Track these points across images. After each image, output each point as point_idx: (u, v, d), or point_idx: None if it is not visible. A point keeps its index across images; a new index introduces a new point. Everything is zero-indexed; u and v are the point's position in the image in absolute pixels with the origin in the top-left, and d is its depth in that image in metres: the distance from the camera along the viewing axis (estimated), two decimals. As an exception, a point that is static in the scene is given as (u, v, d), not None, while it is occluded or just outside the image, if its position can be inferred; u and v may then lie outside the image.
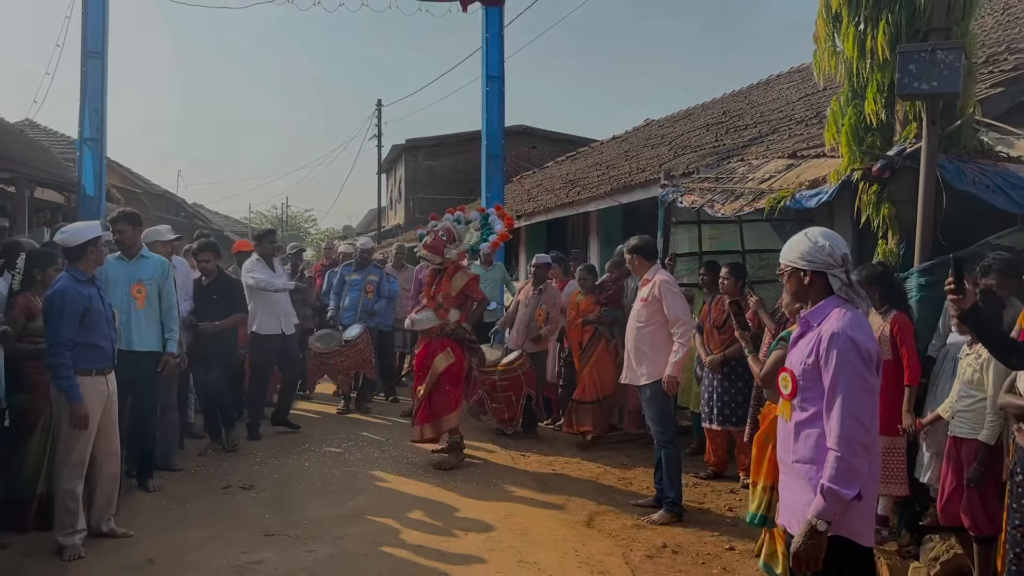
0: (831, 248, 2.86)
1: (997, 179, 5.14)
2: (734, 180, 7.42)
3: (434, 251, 7.08)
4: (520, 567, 4.79)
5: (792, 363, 2.92)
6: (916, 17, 5.13)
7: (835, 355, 2.71)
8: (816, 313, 2.89)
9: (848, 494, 2.63)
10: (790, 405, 2.90)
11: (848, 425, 2.66)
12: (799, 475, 2.83)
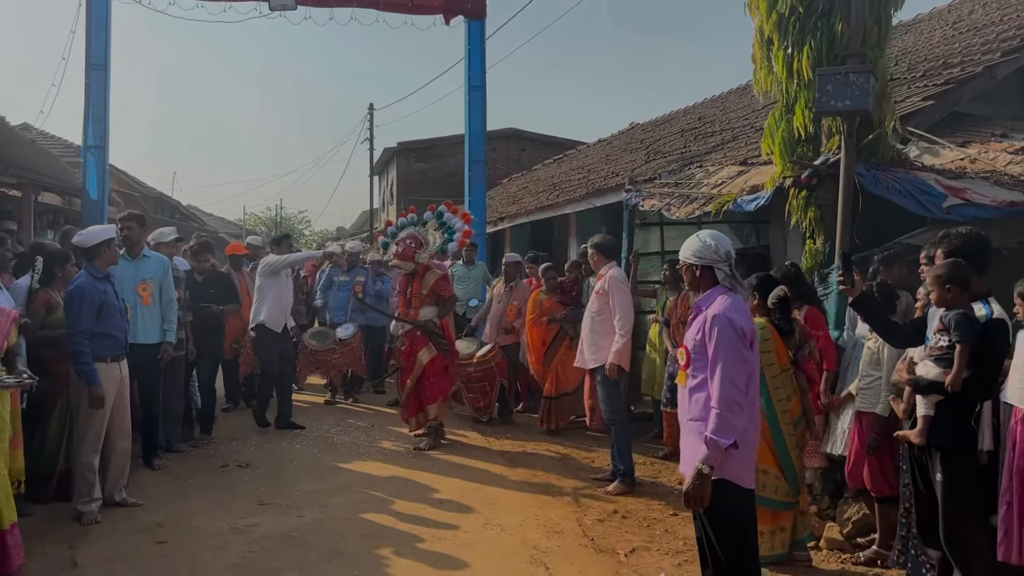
0: (716, 247, 3.51)
1: (908, 185, 5.81)
2: (691, 185, 8.08)
3: (406, 259, 7.59)
4: (485, 528, 5.44)
5: (687, 340, 3.56)
6: (835, 43, 5.79)
7: (716, 332, 3.35)
8: (705, 299, 3.53)
9: (725, 443, 3.26)
10: (685, 374, 3.54)
11: (726, 387, 3.29)
12: (692, 431, 3.47)
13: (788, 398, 4.78)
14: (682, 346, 3.61)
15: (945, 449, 3.72)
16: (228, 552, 4.93)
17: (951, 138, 7.58)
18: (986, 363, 3.66)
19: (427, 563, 4.80)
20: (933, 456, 3.76)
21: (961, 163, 6.82)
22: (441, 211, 8.05)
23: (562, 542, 5.22)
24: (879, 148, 6.06)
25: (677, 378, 3.67)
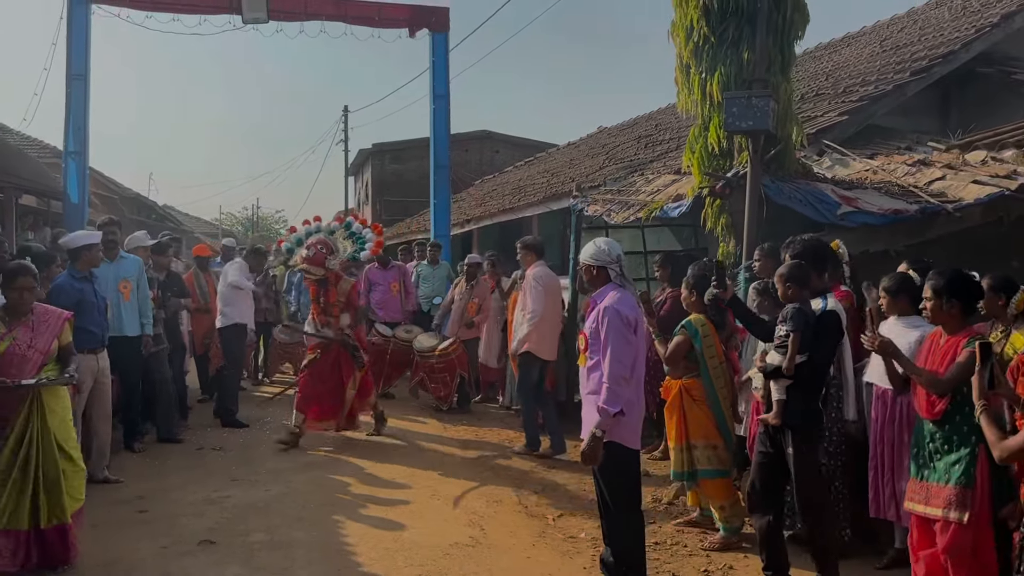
0: (609, 251, 4.25)
1: (808, 195, 6.58)
2: (630, 192, 8.83)
3: (317, 264, 7.52)
4: (432, 499, 6.15)
5: (585, 328, 4.29)
6: (743, 69, 6.54)
7: (607, 321, 4.07)
8: (599, 294, 4.25)
9: (613, 410, 3.98)
10: (585, 356, 4.26)
11: (614, 366, 4.00)
12: (590, 403, 4.19)
13: (725, 385, 5.48)
14: (582, 333, 4.32)
15: (795, 428, 4.37)
16: (203, 518, 5.60)
17: (862, 150, 8.39)
18: (819, 349, 4.32)
19: (378, 527, 5.50)
20: (786, 434, 4.45)
21: (865, 174, 7.61)
22: (349, 222, 8.16)
23: (499, 509, 5.95)
24: (785, 161, 6.82)
25: (579, 359, 4.36)
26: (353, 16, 12.47)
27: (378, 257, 10.83)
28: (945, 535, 3.79)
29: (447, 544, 5.19)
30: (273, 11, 12.05)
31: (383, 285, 10.68)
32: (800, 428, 4.35)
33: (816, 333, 4.27)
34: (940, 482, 3.86)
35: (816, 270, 4.55)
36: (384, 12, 12.69)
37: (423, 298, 11.02)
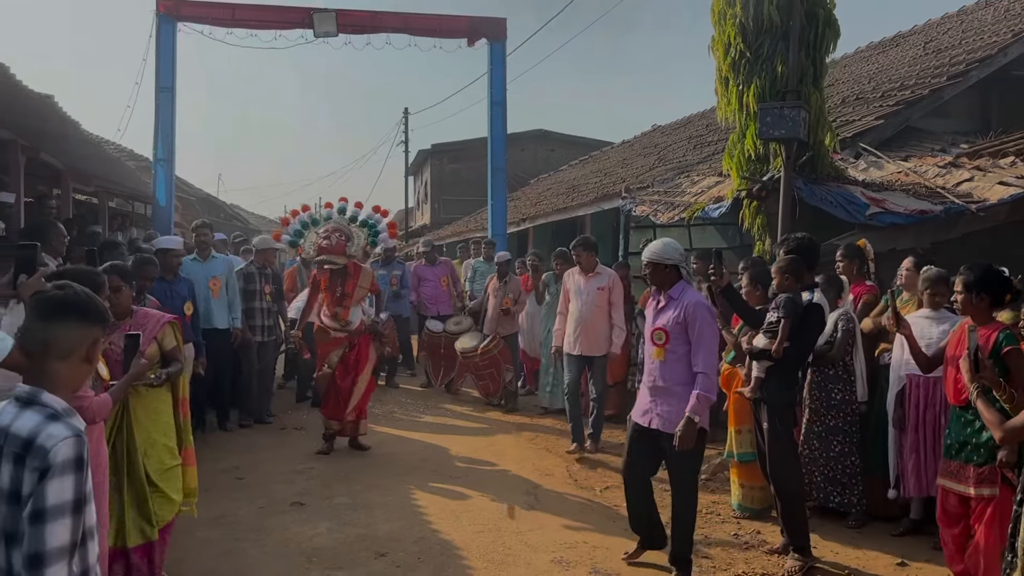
0: (679, 248, 4.66)
1: (839, 197, 7.10)
2: (676, 193, 9.41)
3: (337, 253, 7.21)
4: (491, 471, 6.88)
5: (663, 324, 4.58)
6: (777, 81, 7.08)
7: (698, 316, 4.44)
8: (676, 291, 4.58)
9: (712, 398, 4.44)
10: (664, 350, 4.56)
11: (710, 357, 4.45)
12: (672, 393, 4.51)
13: None
14: (659, 328, 4.59)
15: (771, 403, 4.88)
16: (292, 485, 6.40)
17: (898, 152, 8.82)
18: (803, 337, 4.83)
19: (445, 494, 6.22)
20: (761, 408, 4.97)
21: (898, 175, 8.07)
22: (355, 214, 7.79)
23: (551, 481, 6.63)
24: (817, 165, 7.34)
25: (653, 354, 4.63)
26: (416, 28, 13.24)
27: (426, 254, 11.54)
28: (979, 510, 4.04)
29: (505, 508, 5.90)
30: (342, 25, 12.86)
31: (432, 280, 11.19)
32: (776, 405, 4.88)
33: (802, 322, 4.80)
34: (969, 462, 4.11)
35: (808, 265, 5.04)
36: (445, 24, 13.43)
37: (480, 292, 11.66)
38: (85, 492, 1.93)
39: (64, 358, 2.05)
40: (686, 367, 4.50)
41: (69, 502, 1.88)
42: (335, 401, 7.37)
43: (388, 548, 5.06)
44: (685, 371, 4.50)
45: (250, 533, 5.34)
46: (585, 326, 7.33)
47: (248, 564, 4.82)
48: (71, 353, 2.06)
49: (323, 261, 7.26)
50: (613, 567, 4.84)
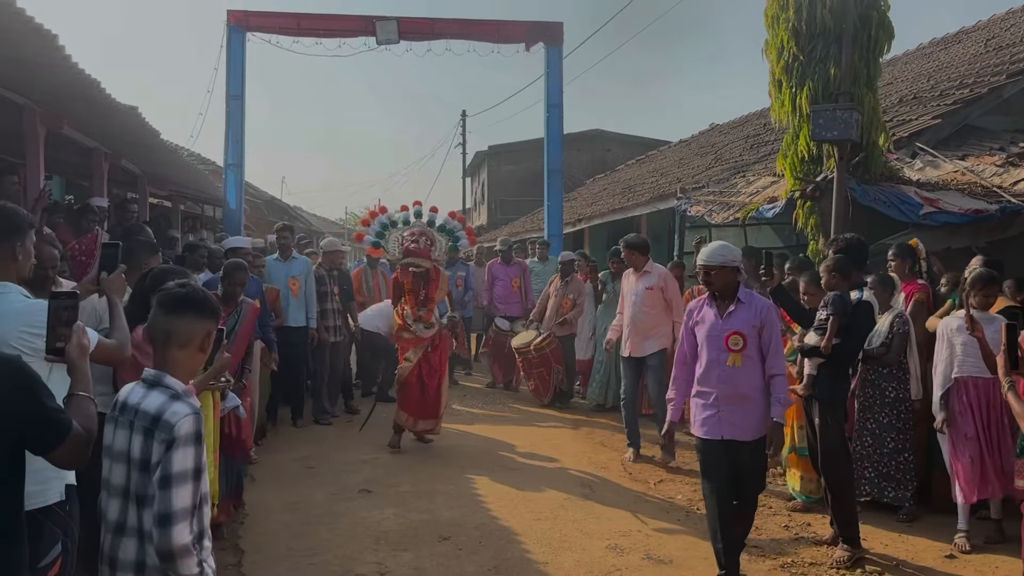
0: (737, 252, 4.63)
1: (892, 197, 7.16)
2: (731, 194, 9.53)
3: (423, 256, 7.36)
4: (549, 464, 7.14)
5: (740, 327, 4.46)
6: (830, 84, 7.18)
7: (772, 319, 4.49)
8: (745, 295, 4.54)
9: (791, 401, 4.56)
10: (741, 356, 4.45)
11: (783, 359, 4.52)
12: (749, 399, 4.44)
13: None
14: (737, 333, 4.45)
15: (822, 399, 5.00)
16: (359, 474, 6.75)
17: (956, 151, 8.79)
18: (853, 334, 4.93)
19: (504, 483, 6.50)
20: (813, 404, 5.09)
21: (954, 175, 8.07)
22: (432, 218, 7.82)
23: (607, 474, 6.86)
24: (871, 165, 7.41)
25: (728, 360, 4.47)
26: (476, 34, 13.54)
27: (501, 253, 11.74)
28: None
29: (562, 498, 6.15)
30: (403, 33, 13.23)
31: (504, 280, 11.34)
32: (827, 401, 5.00)
33: (852, 319, 4.91)
34: None
35: (856, 264, 5.16)
36: (503, 29, 13.71)
37: (535, 292, 11.89)
38: (202, 462, 2.25)
39: (183, 347, 2.38)
40: (761, 372, 4.48)
41: (190, 470, 2.20)
42: (420, 401, 7.48)
43: (451, 532, 5.35)
44: (758, 375, 4.48)
45: (322, 517, 5.68)
46: (635, 327, 7.31)
47: (321, 544, 5.16)
48: (189, 343, 2.39)
49: (409, 264, 7.37)
50: (666, 554, 5.05)
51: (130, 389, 2.38)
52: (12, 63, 5.95)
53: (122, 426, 2.31)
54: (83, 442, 2.25)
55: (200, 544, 2.26)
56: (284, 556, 4.97)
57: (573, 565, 4.87)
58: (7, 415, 2.09)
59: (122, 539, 2.27)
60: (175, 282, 2.54)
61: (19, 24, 5.05)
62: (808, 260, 6.61)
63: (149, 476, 2.20)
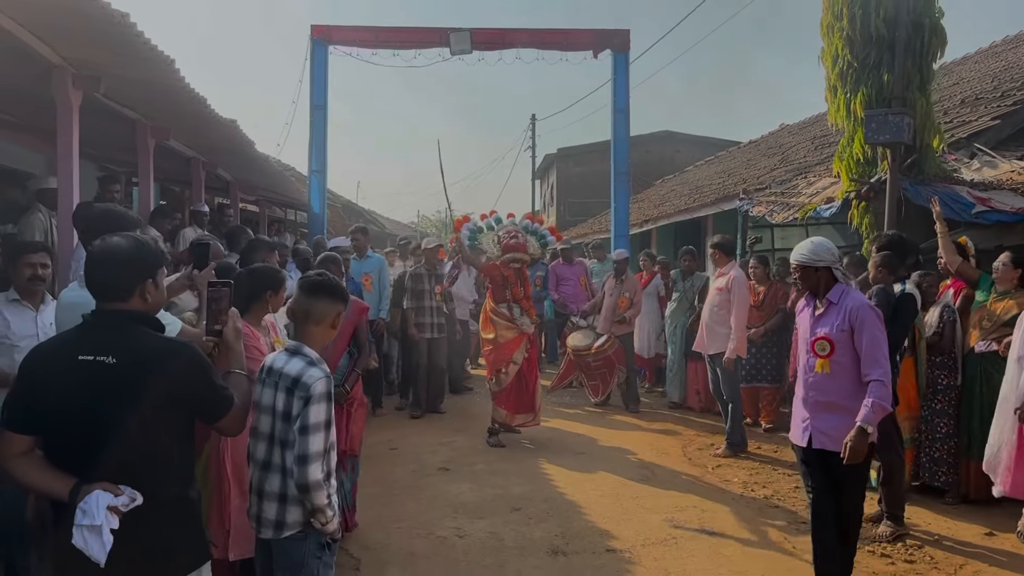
0: (831, 248, 4.25)
1: (945, 196, 7.41)
2: (792, 194, 9.85)
3: (524, 251, 7.88)
4: (613, 451, 7.64)
5: (827, 332, 4.14)
6: (883, 89, 7.49)
7: (867, 321, 4.05)
8: (836, 294, 4.18)
9: (888, 408, 4.00)
10: (828, 362, 4.13)
11: (885, 363, 4.03)
12: (839, 407, 4.10)
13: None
14: (822, 338, 4.17)
15: None
16: (437, 455, 7.37)
17: (1015, 151, 8.96)
18: (897, 324, 5.16)
19: (570, 466, 7.03)
20: None
21: (1011, 174, 8.26)
22: (527, 224, 8.37)
23: (667, 460, 7.32)
24: (924, 166, 7.68)
25: (816, 366, 4.20)
26: (545, 42, 14.07)
27: (563, 253, 11.95)
28: None
29: (625, 479, 6.64)
30: (476, 43, 13.85)
31: (572, 280, 11.64)
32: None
33: (895, 311, 5.21)
34: None
35: (899, 259, 5.49)
36: (572, 37, 14.21)
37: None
38: (331, 416, 2.84)
39: (318, 323, 2.99)
40: (854, 379, 4.11)
41: (323, 422, 2.80)
42: (519, 396, 7.82)
43: (521, 504, 5.91)
44: (852, 383, 4.11)
45: (406, 490, 6.31)
46: (704, 323, 7.76)
47: (407, 512, 5.77)
48: (322, 321, 3.00)
49: (512, 259, 7.80)
50: (719, 527, 5.51)
51: (274, 356, 3.00)
52: (131, 84, 6.76)
53: (268, 385, 2.93)
54: (242, 413, 2.68)
55: (328, 481, 2.85)
56: (374, 522, 5.59)
57: (632, 534, 5.37)
58: (186, 393, 2.46)
59: (268, 474, 2.89)
60: (314, 271, 3.15)
61: (144, 51, 5.81)
62: (863, 258, 6.96)
63: (290, 425, 2.80)
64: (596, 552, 5.07)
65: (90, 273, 2.52)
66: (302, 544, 2.89)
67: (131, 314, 2.48)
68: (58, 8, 4.94)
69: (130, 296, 2.49)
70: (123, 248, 2.50)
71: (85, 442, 2.37)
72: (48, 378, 2.41)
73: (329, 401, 2.84)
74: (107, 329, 2.45)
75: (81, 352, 2.40)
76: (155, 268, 2.56)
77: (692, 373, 9.53)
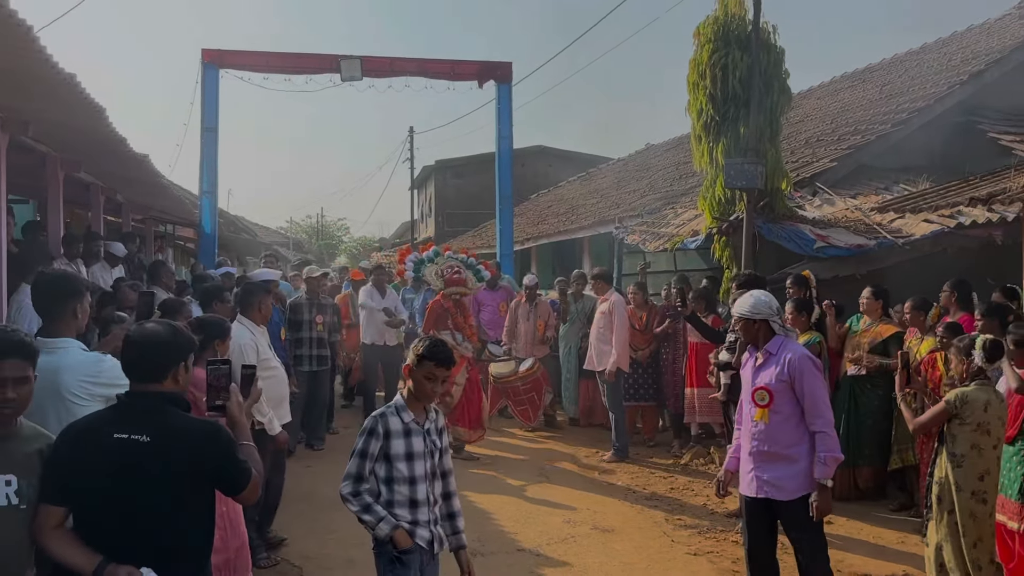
0: (769, 303, 4.37)
1: (791, 233, 8.69)
2: (661, 224, 11.01)
3: (465, 285, 8.83)
4: (516, 461, 8.47)
5: (765, 383, 4.25)
6: (740, 140, 8.67)
7: (804, 371, 4.15)
8: (774, 346, 4.29)
9: (840, 456, 4.12)
10: (767, 411, 4.22)
11: (826, 412, 4.19)
12: (781, 456, 4.20)
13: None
14: (761, 388, 4.27)
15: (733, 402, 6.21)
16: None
17: (849, 189, 10.40)
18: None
19: (480, 478, 7.81)
20: (729, 407, 6.56)
21: (845, 212, 9.65)
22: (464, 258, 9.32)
23: (562, 467, 8.27)
24: (775, 206, 8.94)
25: (756, 416, 4.30)
26: (432, 72, 14.84)
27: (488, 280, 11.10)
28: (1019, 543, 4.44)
29: (528, 484, 7.52)
30: (366, 70, 14.43)
31: (491, 306, 11.09)
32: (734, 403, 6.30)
33: None
34: (1012, 496, 4.54)
35: None
36: (458, 68, 15.04)
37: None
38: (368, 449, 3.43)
39: None
40: (794, 428, 4.21)
41: (358, 450, 3.46)
42: (468, 412, 8.54)
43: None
44: (793, 432, 4.21)
45: (333, 505, 6.72)
46: (593, 344, 8.75)
47: (337, 524, 6.31)
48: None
49: (453, 292, 8.70)
50: (608, 524, 6.44)
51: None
52: (59, 127, 7.08)
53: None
54: (258, 482, 2.83)
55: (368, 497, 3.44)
56: (307, 534, 6.20)
57: (537, 534, 6.22)
58: (213, 468, 2.68)
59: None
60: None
61: (80, 103, 6.19)
62: (708, 290, 8.16)
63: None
64: (509, 552, 5.89)
65: (128, 355, 2.75)
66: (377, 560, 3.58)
67: (164, 395, 2.71)
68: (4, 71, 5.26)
69: (164, 378, 2.73)
70: (161, 335, 2.77)
71: (115, 516, 2.57)
72: (84, 455, 2.59)
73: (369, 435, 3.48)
74: (142, 409, 2.67)
75: (117, 430, 2.60)
76: (188, 353, 2.82)
77: (584, 390, 10.21)
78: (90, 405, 3.21)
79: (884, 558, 5.76)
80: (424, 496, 3.51)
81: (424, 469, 3.52)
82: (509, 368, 9.87)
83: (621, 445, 8.56)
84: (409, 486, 3.48)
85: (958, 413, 4.59)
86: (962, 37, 14.54)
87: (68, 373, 3.28)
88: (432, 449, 3.59)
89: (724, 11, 8.86)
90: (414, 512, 3.49)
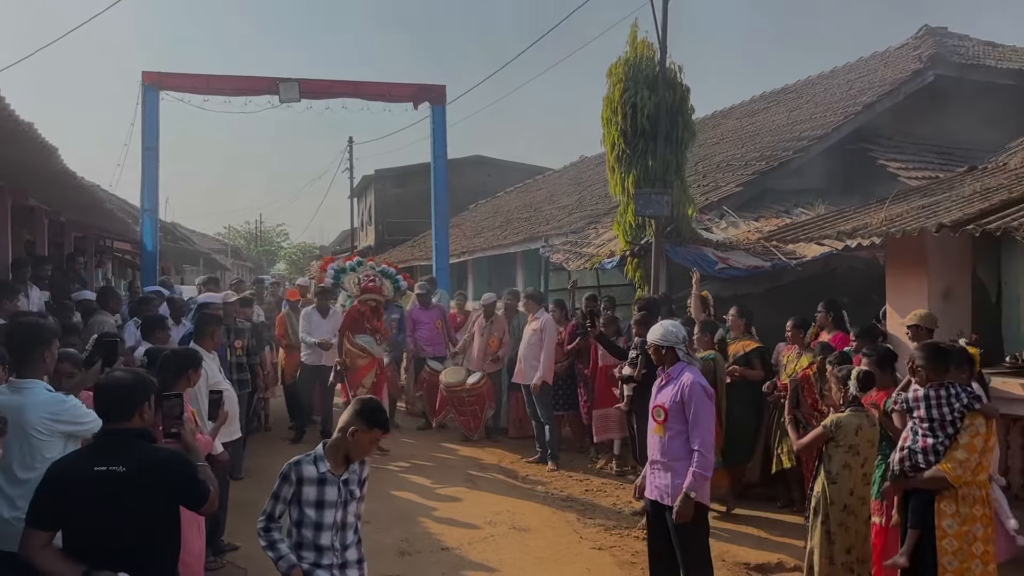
0: (676, 332, 4.96)
1: (696, 256, 9.55)
2: (583, 244, 11.82)
3: (380, 292, 9.58)
4: (445, 468, 9.15)
5: (662, 401, 4.87)
6: (649, 171, 9.51)
7: (694, 396, 4.71)
8: (675, 371, 4.88)
9: (708, 475, 4.71)
10: (663, 427, 4.84)
11: (705, 434, 4.70)
12: (671, 467, 4.79)
13: None
14: (659, 405, 4.89)
15: (639, 412, 6.97)
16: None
17: (753, 212, 11.33)
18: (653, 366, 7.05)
19: (411, 483, 8.46)
20: (632, 417, 7.35)
21: (748, 234, 10.56)
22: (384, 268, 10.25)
23: (488, 474, 8.97)
24: (682, 231, 9.80)
25: (653, 430, 4.93)
26: (369, 94, 15.45)
27: (419, 298, 11.55)
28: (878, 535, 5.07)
29: (454, 488, 8.21)
30: (304, 92, 14.96)
31: (428, 323, 11.34)
32: (642, 412, 6.57)
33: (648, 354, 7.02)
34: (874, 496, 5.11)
35: (655, 315, 7.28)
36: (393, 91, 15.68)
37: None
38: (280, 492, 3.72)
39: None
40: (683, 443, 4.76)
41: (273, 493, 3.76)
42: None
43: (372, 517, 7.25)
44: (682, 447, 4.76)
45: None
46: (523, 359, 9.32)
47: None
48: None
49: (368, 298, 9.44)
50: (526, 524, 7.18)
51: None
52: (10, 164, 7.55)
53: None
54: (215, 495, 3.37)
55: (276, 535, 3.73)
56: (252, 538, 6.72)
57: (460, 534, 6.92)
58: (179, 489, 3.24)
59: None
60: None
61: (33, 143, 6.70)
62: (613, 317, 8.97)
63: None
64: (434, 551, 6.57)
65: (100, 400, 3.28)
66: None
67: (134, 431, 3.23)
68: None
69: (132, 417, 3.24)
70: (127, 381, 3.30)
71: (98, 534, 3.09)
72: (69, 485, 3.11)
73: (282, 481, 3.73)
74: (116, 444, 3.18)
75: (97, 464, 3.12)
76: (150, 394, 3.34)
77: (513, 402, 10.63)
78: (51, 441, 3.71)
79: (765, 548, 6.60)
80: (328, 543, 3.76)
81: (334, 518, 3.76)
82: (458, 378, 10.28)
83: (545, 452, 9.25)
84: (315, 531, 3.73)
85: (833, 436, 5.10)
86: (865, 64, 15.62)
87: (32, 411, 3.73)
88: (347, 499, 3.80)
89: (634, 52, 9.70)
90: (318, 556, 3.75)
